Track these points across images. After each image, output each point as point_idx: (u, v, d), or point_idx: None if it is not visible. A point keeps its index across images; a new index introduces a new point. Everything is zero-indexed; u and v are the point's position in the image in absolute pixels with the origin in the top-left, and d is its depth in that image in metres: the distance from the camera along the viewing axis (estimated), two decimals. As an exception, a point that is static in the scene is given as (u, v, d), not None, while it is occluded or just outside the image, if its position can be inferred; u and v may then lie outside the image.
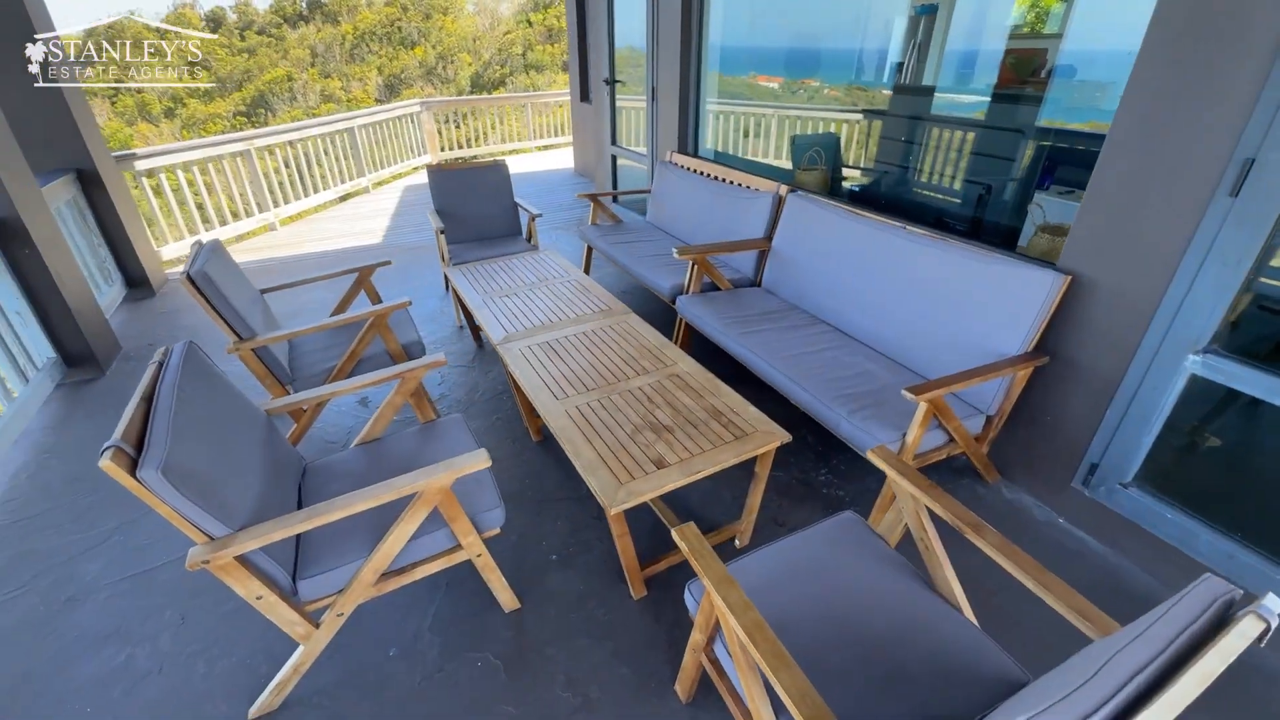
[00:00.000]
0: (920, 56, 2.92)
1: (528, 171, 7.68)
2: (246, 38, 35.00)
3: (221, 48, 34.03)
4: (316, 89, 32.78)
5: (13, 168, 2.66)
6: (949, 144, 2.85)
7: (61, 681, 1.62)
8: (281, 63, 33.22)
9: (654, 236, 3.78)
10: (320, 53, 34.33)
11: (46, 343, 2.90)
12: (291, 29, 35.85)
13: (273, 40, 35.10)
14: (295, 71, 32.86)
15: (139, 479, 1.16)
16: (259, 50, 33.95)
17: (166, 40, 27.37)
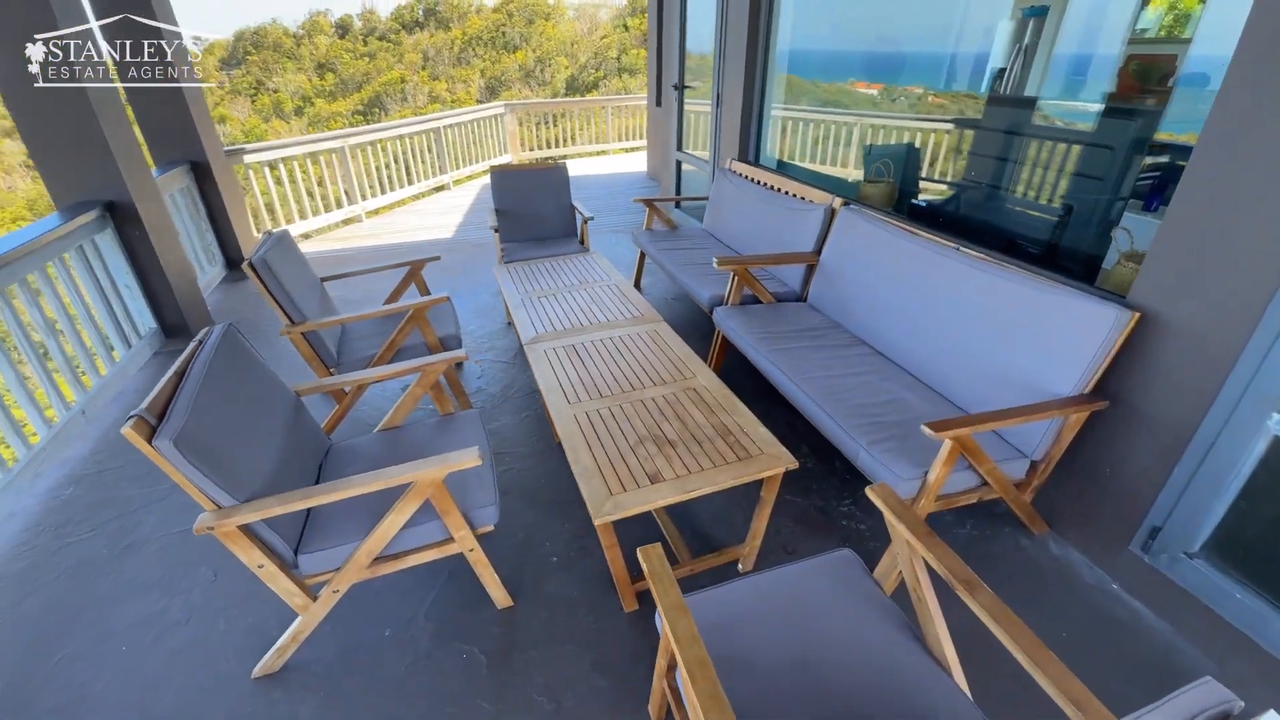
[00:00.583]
0: (1025, 62, 2.68)
1: (602, 174, 7.81)
2: (369, 43, 37.82)
3: (347, 52, 36.95)
4: (425, 90, 34.90)
5: (131, 159, 3.01)
6: (1044, 158, 2.60)
7: (108, 620, 1.82)
8: (397, 66, 35.66)
9: (706, 244, 3.73)
10: (431, 57, 36.55)
11: (149, 314, 3.28)
12: (408, 34, 38.37)
13: (391, 45, 37.71)
14: (408, 74, 35.15)
15: (154, 447, 1.28)
16: (379, 54, 36.60)
17: (301, 44, 29.87)
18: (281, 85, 34.68)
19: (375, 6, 38.52)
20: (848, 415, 2.01)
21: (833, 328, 2.68)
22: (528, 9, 36.87)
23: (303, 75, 34.84)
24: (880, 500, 1.36)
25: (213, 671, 1.67)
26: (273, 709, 1.57)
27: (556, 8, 37.39)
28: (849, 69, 3.74)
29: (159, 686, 1.63)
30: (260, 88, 34.60)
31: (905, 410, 2.07)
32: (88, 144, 2.84)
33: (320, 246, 5.20)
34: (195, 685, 1.63)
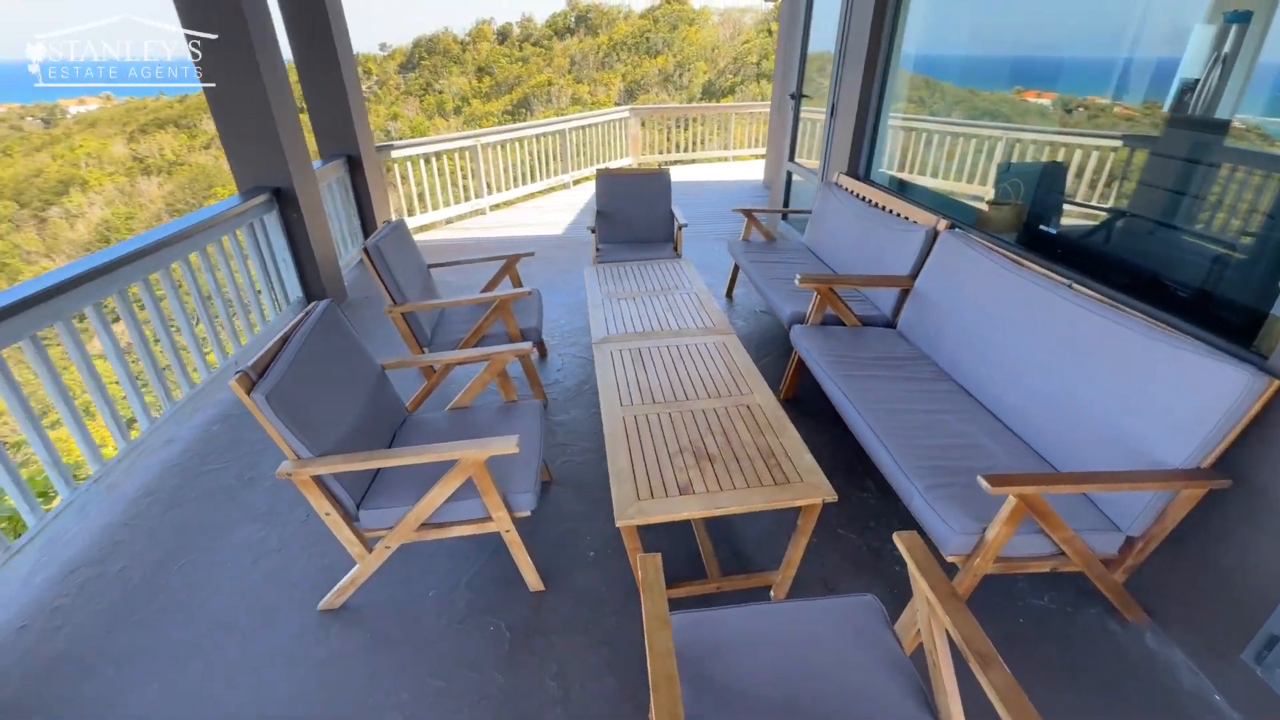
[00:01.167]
0: (1222, 74, 2.31)
1: (720, 180, 7.81)
2: (524, 48, 40.51)
3: (504, 57, 39.87)
4: (568, 93, 36.72)
5: (295, 152, 3.52)
6: (1225, 186, 2.22)
7: (222, 539, 2.17)
8: (546, 70, 37.88)
9: (800, 260, 3.62)
10: (577, 61, 38.40)
11: (298, 285, 3.81)
12: (559, 40, 40.58)
13: (543, 50, 40.08)
14: (555, 77, 37.20)
15: (251, 399, 1.51)
16: (531, 59, 39.11)
17: (466, 50, 32.69)
18: (446, 87, 38.18)
19: (533, 14, 41.03)
20: (909, 453, 1.88)
21: (918, 359, 2.50)
22: (673, 15, 37.52)
23: (464, 78, 38.19)
24: (905, 548, 1.26)
25: (288, 596, 1.93)
26: (326, 640, 1.79)
27: (702, 13, 37.70)
28: (996, 76, 3.42)
29: (246, 601, 1.92)
30: (428, 89, 38.35)
31: (979, 457, 1.89)
32: (265, 139, 3.37)
33: (443, 235, 5.71)
34: (272, 605, 1.90)
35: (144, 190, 25.85)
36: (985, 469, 1.82)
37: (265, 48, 3.23)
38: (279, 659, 1.74)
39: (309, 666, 1.72)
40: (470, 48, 40.35)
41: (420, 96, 38.75)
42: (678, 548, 2.07)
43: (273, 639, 1.79)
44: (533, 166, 6.87)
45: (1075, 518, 1.64)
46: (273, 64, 3.31)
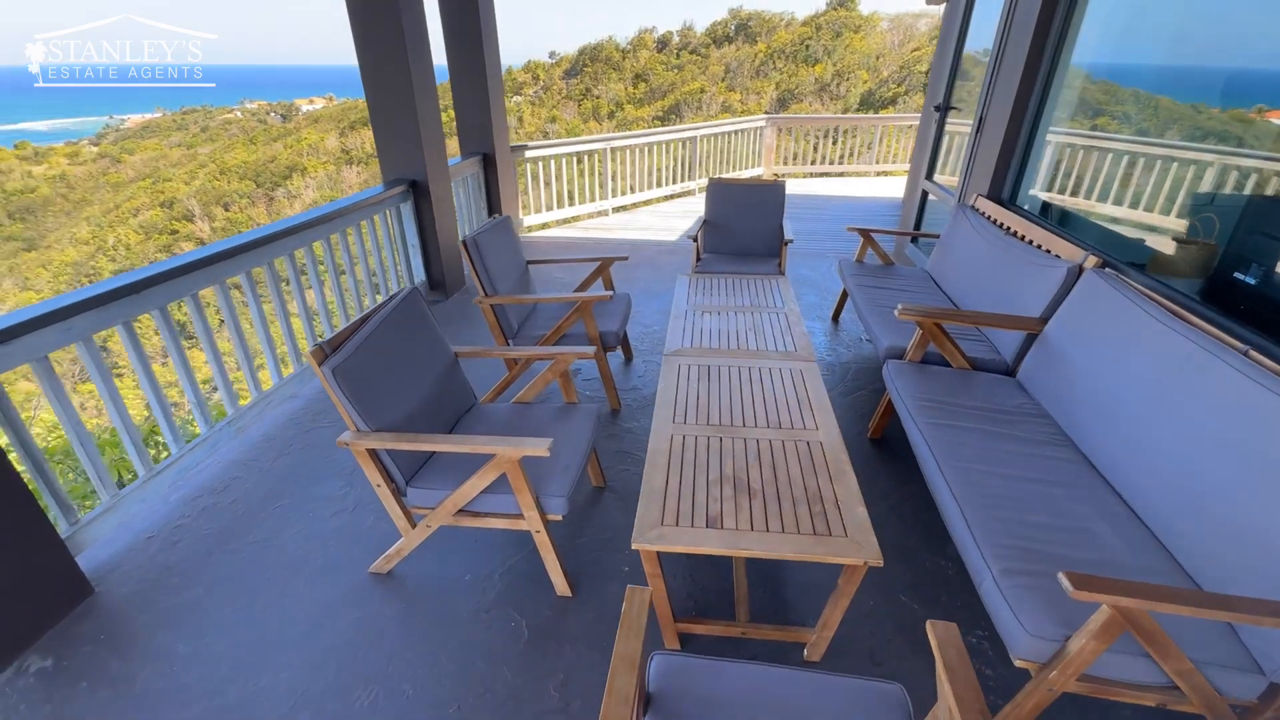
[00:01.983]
0: None
1: (857, 196, 7.37)
2: (681, 56, 41.23)
3: (661, 64, 40.92)
4: (719, 101, 36.78)
5: (432, 149, 3.86)
6: None
7: (311, 490, 2.42)
8: (700, 77, 38.25)
9: (916, 288, 3.27)
10: (733, 69, 38.32)
11: (422, 269, 4.18)
12: (716, 48, 40.76)
13: (699, 59, 40.51)
14: (708, 85, 37.44)
15: (321, 370, 1.66)
16: (686, 67, 39.71)
17: (626, 58, 34.04)
18: (603, 92, 40.00)
19: (694, 23, 41.64)
20: (992, 525, 1.60)
21: (1035, 417, 2.13)
22: (837, 21, 36.11)
23: (621, 84, 39.74)
24: (937, 642, 1.07)
25: (349, 553, 2.11)
26: (368, 601, 1.92)
27: (870, 18, 35.85)
28: (1216, 89, 2.82)
29: (315, 550, 2.12)
30: (587, 94, 40.45)
31: (1086, 546, 1.56)
32: (408, 136, 3.73)
33: (561, 233, 5.96)
34: (336, 559, 2.08)
35: (345, 178, 30.10)
36: (1091, 563, 1.50)
37: (418, 59, 3.57)
38: (327, 608, 1.89)
39: (348, 621, 1.85)
40: (630, 55, 41.85)
41: (579, 101, 40.96)
42: (712, 581, 1.96)
43: (327, 589, 1.96)
44: (659, 172, 6.94)
45: (1203, 646, 1.29)
46: (423, 72, 3.65)
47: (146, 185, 30.39)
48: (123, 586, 1.99)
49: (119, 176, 32.71)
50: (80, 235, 27.14)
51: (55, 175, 32.20)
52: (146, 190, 29.64)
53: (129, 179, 32.29)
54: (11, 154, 32.70)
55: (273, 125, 38.31)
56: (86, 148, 36.30)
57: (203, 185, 28.90)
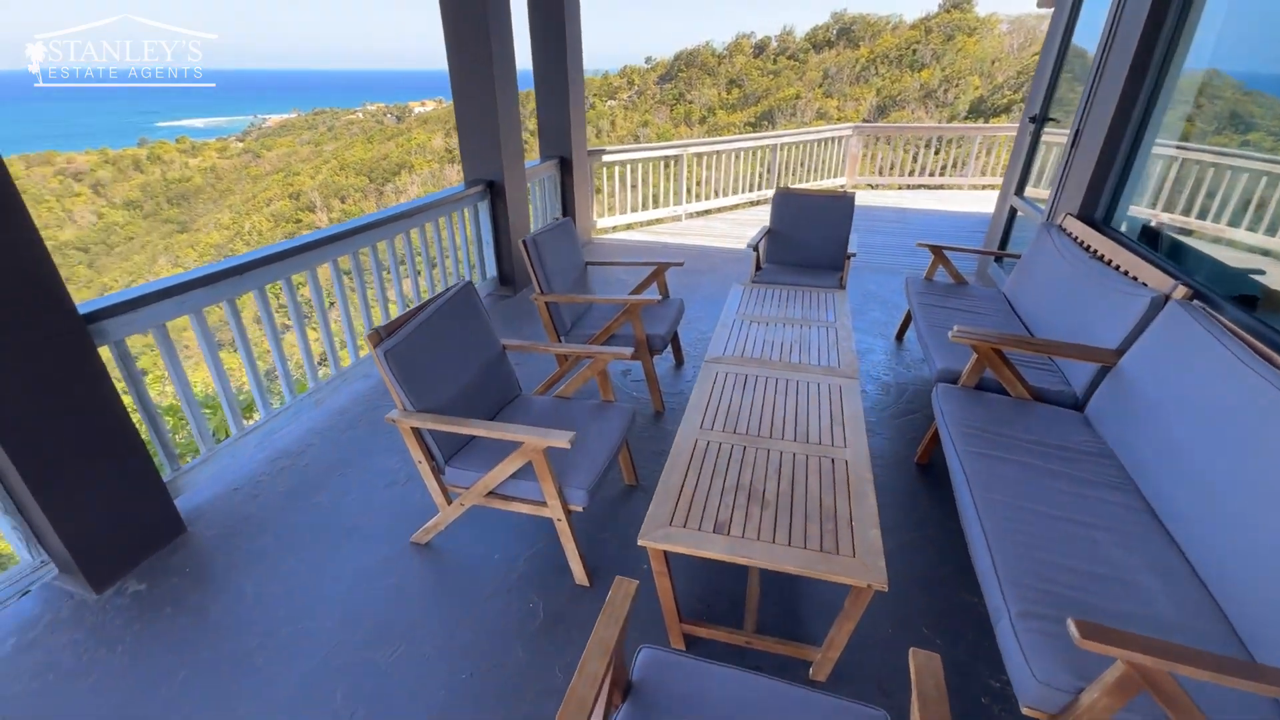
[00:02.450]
0: None
1: (947, 211, 7.00)
2: (778, 61, 40.53)
3: (756, 69, 40.42)
4: (814, 107, 35.81)
5: (510, 152, 4.09)
6: None
7: (371, 460, 2.65)
8: (796, 83, 37.42)
9: (987, 310, 3.09)
10: (831, 75, 37.20)
11: (494, 265, 4.42)
12: (815, 53, 39.71)
13: (796, 64, 39.64)
14: (803, 91, 36.56)
15: (375, 352, 1.83)
16: (783, 72, 38.98)
17: (721, 63, 33.92)
18: (696, 97, 40.03)
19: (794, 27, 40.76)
20: (1019, 562, 1.51)
21: (1096, 456, 1.97)
22: (949, 24, 34.16)
23: (715, 89, 39.59)
24: (916, 670, 1.05)
25: (395, 522, 2.29)
26: (406, 567, 2.09)
27: (987, 21, 33.61)
28: None
29: (367, 516, 2.33)
30: (680, 99, 40.64)
31: (1125, 598, 1.44)
32: (488, 139, 3.97)
33: (631, 236, 6.07)
34: (383, 526, 2.28)
35: (447, 175, 32.06)
36: (1127, 616, 1.39)
37: (502, 70, 3.80)
38: (369, 570, 2.08)
39: (386, 583, 2.03)
40: (726, 60, 41.60)
41: (672, 106, 41.19)
42: (724, 586, 1.97)
43: (371, 553, 2.15)
44: (737, 179, 6.91)
45: (1232, 711, 1.17)
46: (506, 82, 3.88)
47: (279, 178, 33.82)
48: (209, 529, 2.28)
49: (257, 170, 36.63)
50: (223, 221, 30.61)
51: (207, 167, 36.55)
52: (279, 182, 32.98)
53: (265, 172, 36.08)
54: (174, 147, 37.37)
55: (388, 126, 41.40)
56: (234, 143, 40.93)
57: (325, 180, 31.76)
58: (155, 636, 1.85)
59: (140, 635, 1.85)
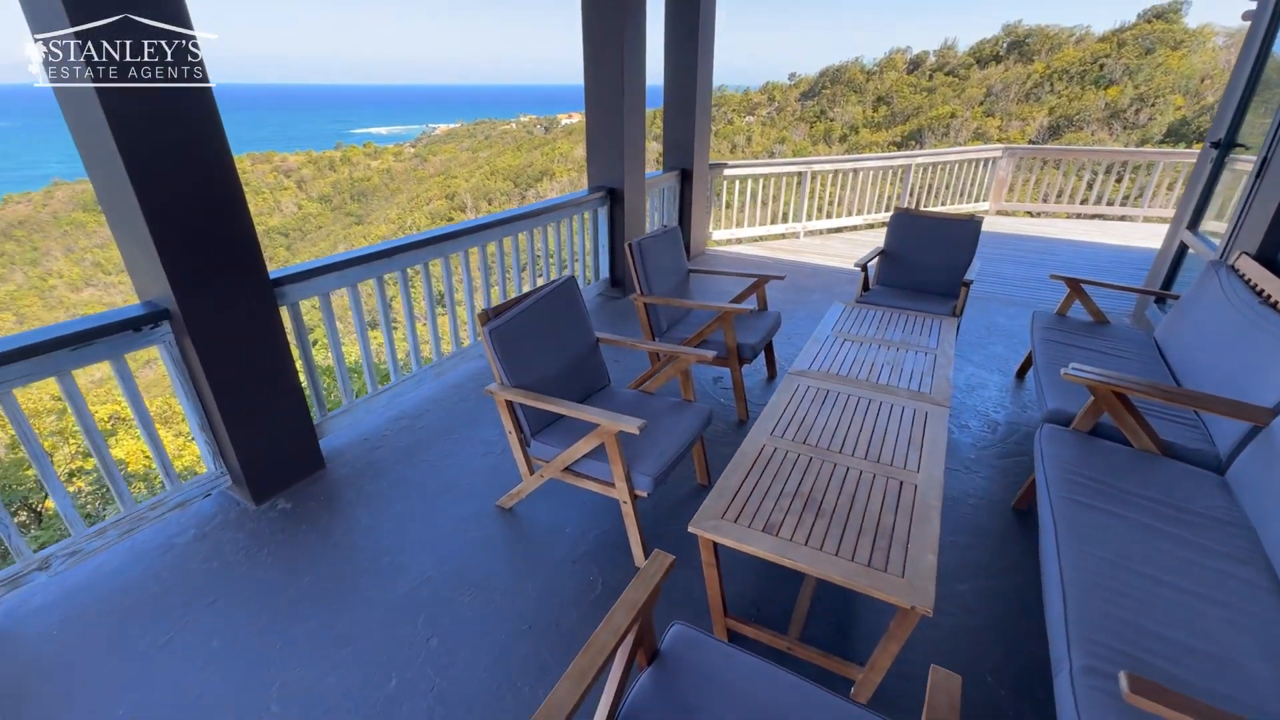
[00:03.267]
0: None
1: (1107, 243, 6.26)
2: (934, 78, 38.04)
3: (908, 86, 38.26)
4: (971, 127, 33.18)
5: (633, 162, 4.33)
6: None
7: (474, 432, 2.97)
8: (953, 101, 34.89)
9: (1125, 353, 2.77)
10: (996, 92, 34.24)
11: (607, 267, 4.69)
12: (980, 69, 36.77)
13: (955, 80, 36.95)
14: (960, 109, 33.99)
15: (483, 329, 2.09)
16: (938, 89, 36.53)
17: (870, 79, 32.51)
18: (838, 115, 38.71)
19: (956, 40, 37.96)
20: (1093, 618, 1.39)
21: (1228, 525, 1.73)
22: (1149, 36, 30.08)
23: (860, 107, 38.01)
24: (932, 686, 1.04)
25: (487, 486, 2.56)
26: (490, 526, 2.33)
27: (1198, 34, 29.17)
28: None
29: (464, 479, 2.62)
30: (821, 116, 39.53)
31: (1224, 680, 1.28)
32: (612, 150, 4.24)
33: (744, 250, 6.08)
34: (478, 487, 2.55)
35: (582, 183, 33.98)
36: (1223, 698, 1.24)
37: (632, 84, 4.06)
38: (458, 525, 2.35)
39: (471, 536, 2.28)
40: (875, 77, 39.79)
41: (811, 123, 40.19)
42: (778, 594, 1.98)
43: (462, 510, 2.43)
44: (866, 199, 6.68)
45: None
46: (634, 94, 4.13)
47: (439, 180, 37.75)
48: (342, 468, 2.69)
49: (423, 173, 41.14)
50: (390, 216, 34.70)
51: (384, 169, 41.70)
52: (439, 184, 36.81)
53: (429, 175, 40.41)
54: (360, 151, 43.06)
55: (536, 136, 44.57)
56: (407, 149, 46.32)
57: (477, 183, 34.92)
58: (292, 545, 2.24)
59: (282, 543, 2.25)
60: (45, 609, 1.97)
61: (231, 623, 1.92)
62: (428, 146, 46.88)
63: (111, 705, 1.67)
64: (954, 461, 2.70)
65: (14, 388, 1.85)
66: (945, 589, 2.03)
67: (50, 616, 1.94)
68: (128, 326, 2.04)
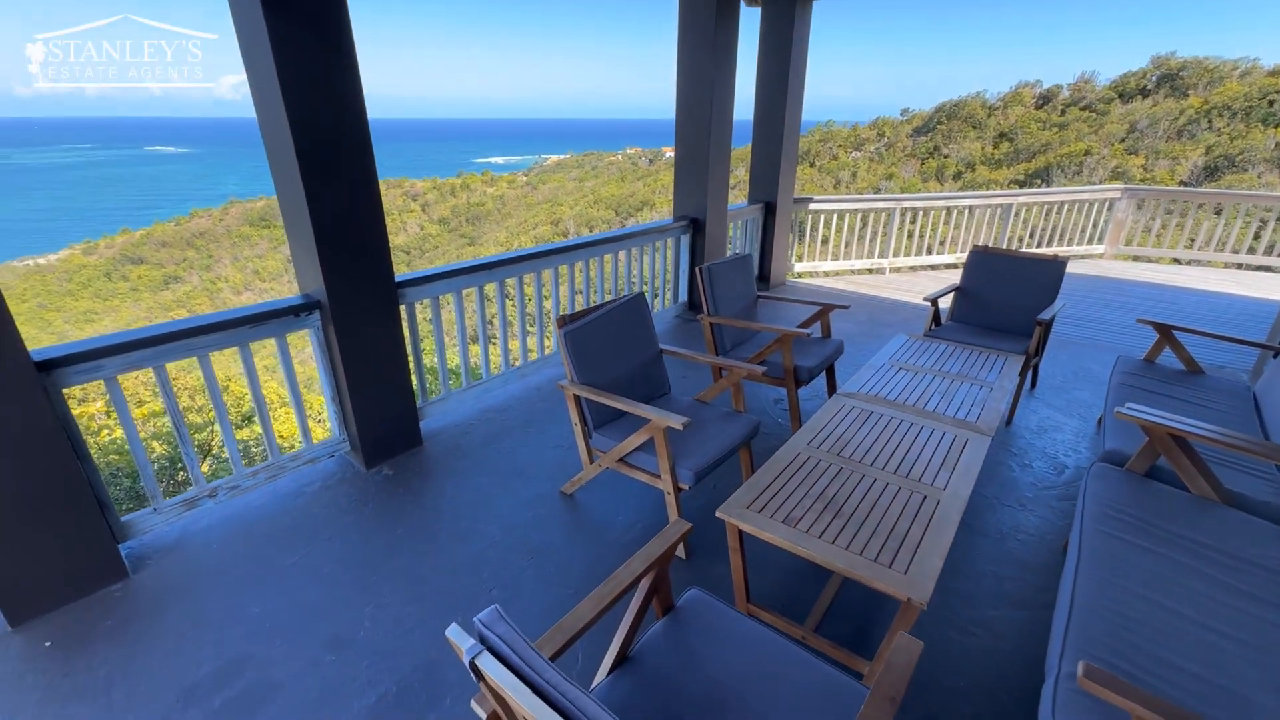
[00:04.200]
0: None
1: (1237, 294, 5.72)
2: (1066, 113, 35.52)
3: (1035, 122, 35.96)
4: (1110, 165, 30.63)
5: (715, 196, 4.63)
6: None
7: (549, 427, 3.32)
8: (1089, 137, 32.36)
9: (1215, 403, 2.64)
10: (1142, 129, 31.42)
11: (685, 291, 4.98)
12: (1122, 103, 33.95)
13: (1092, 115, 34.31)
14: (1096, 146, 31.47)
15: (559, 332, 2.43)
16: (1070, 125, 34.05)
17: (993, 115, 30.74)
18: (953, 151, 37.03)
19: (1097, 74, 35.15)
20: (1097, 637, 1.44)
21: (1277, 574, 1.68)
22: (1333, 69, 26.51)
23: (979, 143, 36.11)
24: (895, 648, 1.19)
25: (553, 474, 2.89)
26: (552, 507, 2.65)
27: (1396, 67, 25.38)
28: None
29: (534, 465, 2.97)
30: (934, 153, 37.99)
31: (1224, 706, 1.30)
32: (697, 183, 4.57)
33: (824, 283, 6.13)
34: (545, 473, 2.89)
35: (681, 214, 34.77)
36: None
37: (719, 120, 4.38)
38: (525, 503, 2.68)
39: (536, 513, 2.60)
40: (998, 113, 37.77)
41: (923, 159, 38.72)
42: (805, 593, 2.12)
43: (529, 492, 2.76)
44: (955, 236, 6.54)
45: None
46: (721, 132, 4.45)
47: (546, 207, 40.18)
48: (435, 447, 3.14)
49: (533, 199, 43.97)
50: (499, 239, 37.29)
51: (498, 195, 45.04)
52: (545, 211, 39.19)
53: (537, 201, 43.11)
54: (479, 179, 46.78)
55: (640, 167, 46.28)
56: (520, 177, 49.75)
57: (580, 210, 36.82)
58: (391, 503, 2.67)
59: (384, 501, 2.70)
60: (210, 528, 2.51)
61: (342, 555, 2.36)
62: (539, 175, 50.07)
63: (248, 603, 2.13)
64: (1008, 498, 2.69)
65: (210, 351, 2.43)
66: (976, 613, 2.07)
67: (213, 534, 2.48)
68: (289, 312, 2.59)
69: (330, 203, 2.45)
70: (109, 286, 31.98)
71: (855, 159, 38.37)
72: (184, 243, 35.82)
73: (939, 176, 36.06)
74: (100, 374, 2.16)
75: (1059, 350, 4.39)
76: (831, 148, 37.32)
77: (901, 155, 38.36)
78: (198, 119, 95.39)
